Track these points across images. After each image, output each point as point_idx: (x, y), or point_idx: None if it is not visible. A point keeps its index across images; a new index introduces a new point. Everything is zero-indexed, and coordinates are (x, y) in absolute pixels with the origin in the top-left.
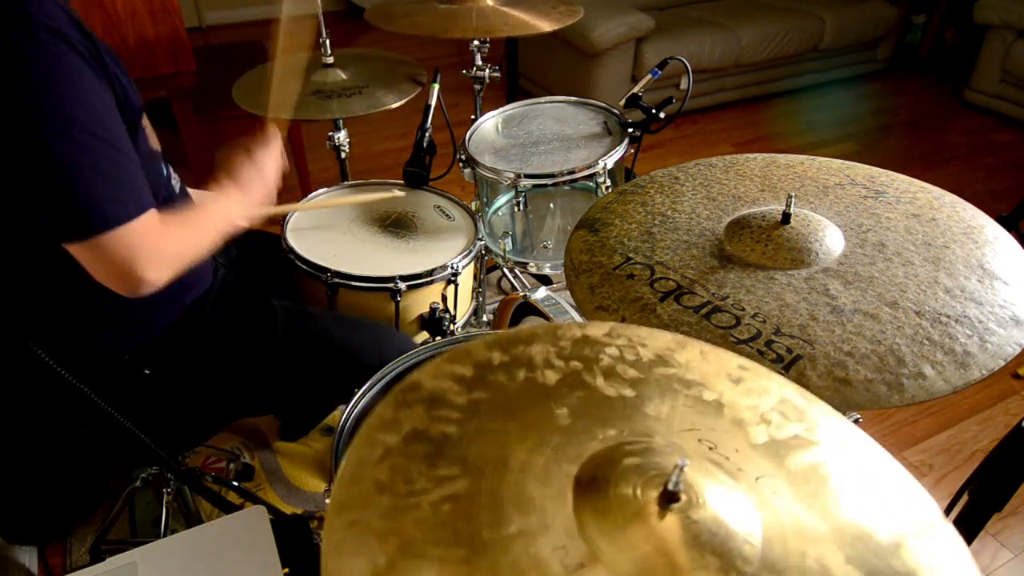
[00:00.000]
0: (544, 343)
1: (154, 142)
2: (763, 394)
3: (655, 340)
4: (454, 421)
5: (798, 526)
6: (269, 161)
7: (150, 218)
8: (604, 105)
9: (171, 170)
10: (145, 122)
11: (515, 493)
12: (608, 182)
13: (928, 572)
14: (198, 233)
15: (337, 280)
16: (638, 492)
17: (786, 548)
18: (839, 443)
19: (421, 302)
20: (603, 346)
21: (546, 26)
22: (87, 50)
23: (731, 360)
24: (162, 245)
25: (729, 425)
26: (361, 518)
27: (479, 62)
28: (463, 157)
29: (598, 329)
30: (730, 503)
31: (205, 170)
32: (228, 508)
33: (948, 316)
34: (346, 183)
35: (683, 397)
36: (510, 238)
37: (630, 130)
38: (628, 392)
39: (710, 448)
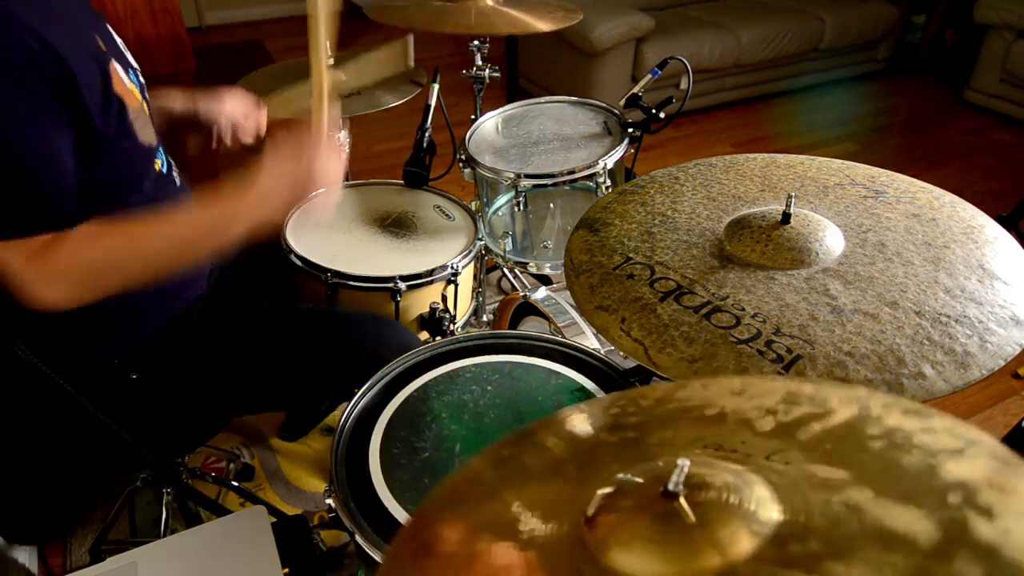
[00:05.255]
0: (548, 431)
1: (146, 136)
2: (767, 395)
3: (655, 391)
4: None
5: (816, 482)
6: (315, 156)
7: (44, 238)
8: (604, 105)
9: (172, 163)
10: (138, 115)
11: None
12: (608, 182)
13: (978, 483)
14: (144, 243)
15: (337, 280)
16: (638, 492)
17: (807, 502)
18: (851, 407)
19: (421, 302)
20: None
21: (544, 26)
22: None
23: (732, 382)
24: (62, 263)
25: (734, 426)
26: None
27: (479, 62)
28: (463, 157)
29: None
30: (736, 478)
31: (205, 170)
32: (218, 510)
33: (948, 316)
34: (346, 183)
35: (685, 420)
36: (510, 238)
37: (630, 130)
38: (631, 435)
39: (716, 449)
